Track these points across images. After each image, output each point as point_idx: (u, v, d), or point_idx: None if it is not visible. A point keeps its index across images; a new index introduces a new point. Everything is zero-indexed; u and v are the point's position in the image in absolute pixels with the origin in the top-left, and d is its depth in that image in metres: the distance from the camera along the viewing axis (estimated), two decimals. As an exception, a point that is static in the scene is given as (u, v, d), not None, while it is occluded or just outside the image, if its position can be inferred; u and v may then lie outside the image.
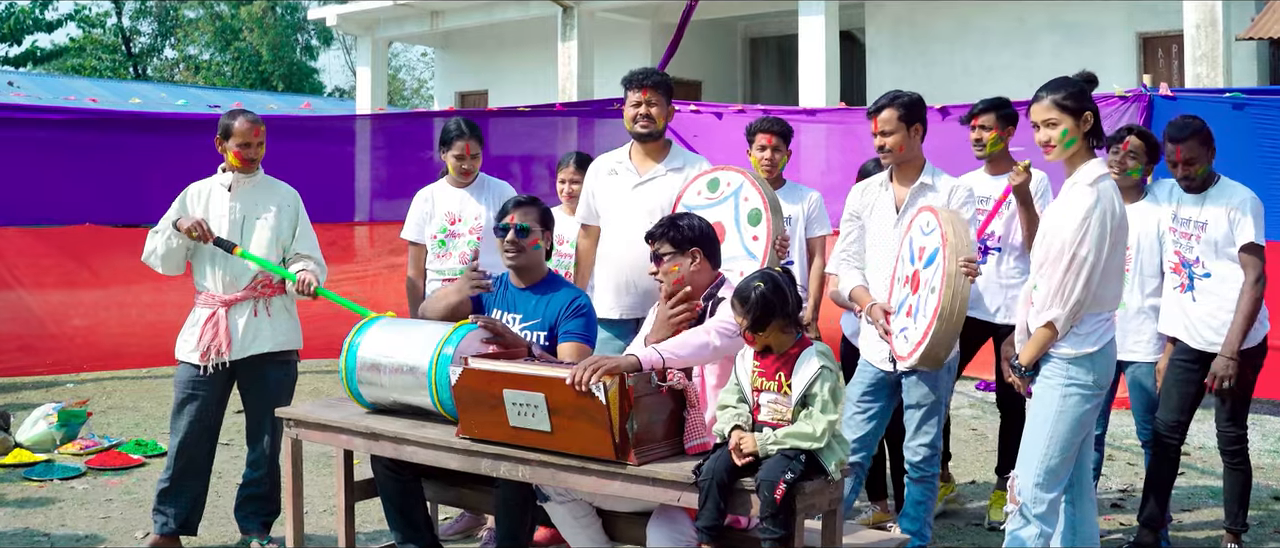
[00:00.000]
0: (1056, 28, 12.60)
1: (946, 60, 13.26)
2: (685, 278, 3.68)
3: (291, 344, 4.71)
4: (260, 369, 4.63)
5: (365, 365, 3.75)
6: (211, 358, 4.52)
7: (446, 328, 3.69)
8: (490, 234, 5.01)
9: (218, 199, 4.63)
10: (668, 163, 4.71)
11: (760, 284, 3.17)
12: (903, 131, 4.34)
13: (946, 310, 3.88)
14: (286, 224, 4.68)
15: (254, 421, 4.71)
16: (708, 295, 3.66)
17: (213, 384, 4.59)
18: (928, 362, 4.00)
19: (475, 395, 3.38)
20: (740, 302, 3.19)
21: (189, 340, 4.60)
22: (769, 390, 3.16)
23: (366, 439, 3.71)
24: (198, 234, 4.46)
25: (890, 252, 4.38)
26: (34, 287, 8.33)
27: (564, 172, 5.47)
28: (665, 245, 3.69)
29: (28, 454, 6.18)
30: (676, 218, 3.79)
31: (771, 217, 4.27)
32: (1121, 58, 12.22)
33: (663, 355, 3.27)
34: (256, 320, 4.59)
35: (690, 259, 3.67)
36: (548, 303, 4.00)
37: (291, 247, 4.69)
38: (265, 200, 4.67)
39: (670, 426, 3.31)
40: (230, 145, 4.61)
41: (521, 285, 4.08)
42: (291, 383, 4.75)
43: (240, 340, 4.55)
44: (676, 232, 3.69)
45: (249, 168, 4.64)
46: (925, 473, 4.29)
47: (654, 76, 4.66)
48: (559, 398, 3.20)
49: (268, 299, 4.62)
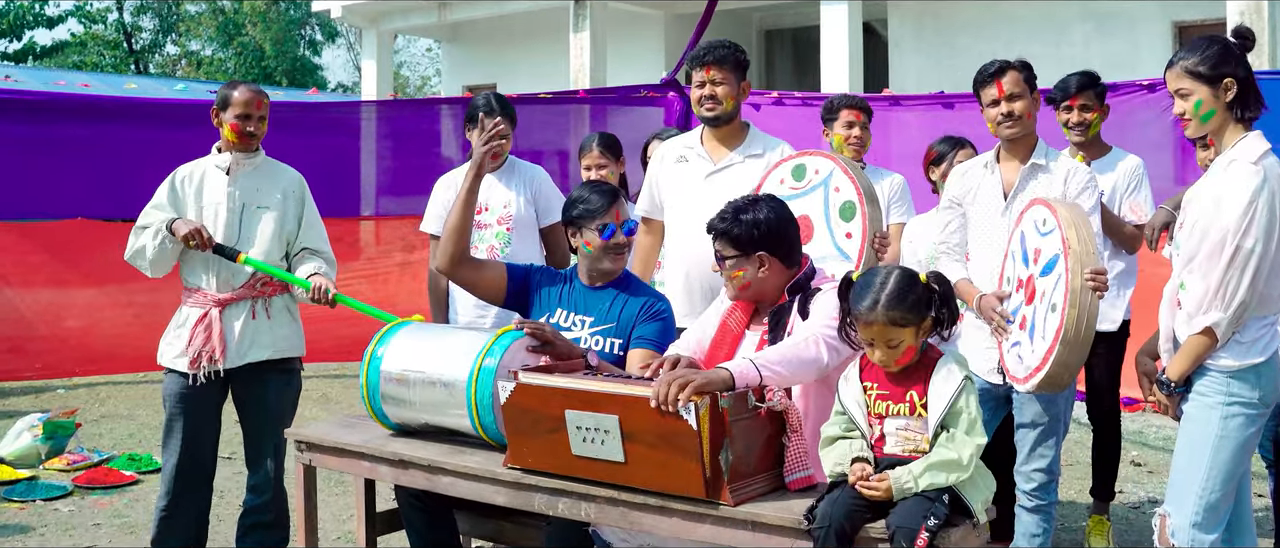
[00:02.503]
0: (1088, 17, 12.13)
1: (973, 51, 12.73)
2: (751, 284, 3.07)
3: (294, 351, 4.09)
4: (260, 379, 4.00)
5: (390, 380, 3.16)
6: (203, 365, 3.89)
7: (486, 336, 3.10)
8: (522, 225, 4.42)
9: (214, 184, 4.00)
10: (744, 149, 4.11)
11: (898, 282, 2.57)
12: (1029, 97, 3.77)
13: (1071, 333, 3.26)
14: (292, 214, 4.06)
15: (254, 439, 4.07)
16: (795, 289, 3.05)
17: (206, 395, 3.97)
18: (1049, 387, 3.40)
19: (530, 417, 2.79)
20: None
21: (175, 345, 3.97)
22: (898, 416, 2.56)
23: (394, 468, 3.12)
24: (196, 243, 3.84)
25: (996, 245, 3.79)
26: (22, 285, 7.86)
27: (588, 156, 4.88)
28: (725, 246, 3.08)
29: (10, 471, 5.61)
30: (739, 208, 3.11)
31: (867, 209, 3.68)
32: (1156, 48, 11.73)
33: (761, 371, 2.68)
34: (254, 323, 3.96)
35: (756, 265, 3.05)
36: (624, 305, 3.43)
37: (297, 240, 4.08)
38: (268, 186, 4.05)
39: (767, 456, 2.71)
40: (227, 116, 3.97)
41: (593, 284, 3.49)
42: (295, 395, 4.16)
43: (236, 346, 3.93)
44: (738, 228, 3.05)
45: (248, 144, 4.00)
46: (1042, 502, 3.70)
47: (718, 51, 4.05)
48: (637, 421, 2.61)
49: (267, 299, 4.00)
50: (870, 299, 2.56)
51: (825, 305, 2.90)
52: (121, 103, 8.97)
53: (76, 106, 8.42)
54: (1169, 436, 6.68)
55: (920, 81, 12.39)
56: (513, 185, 4.48)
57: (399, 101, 12.25)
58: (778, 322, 3.03)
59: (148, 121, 7.99)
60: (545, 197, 4.50)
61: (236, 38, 29.30)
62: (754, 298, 3.12)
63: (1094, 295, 3.28)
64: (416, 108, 10.95)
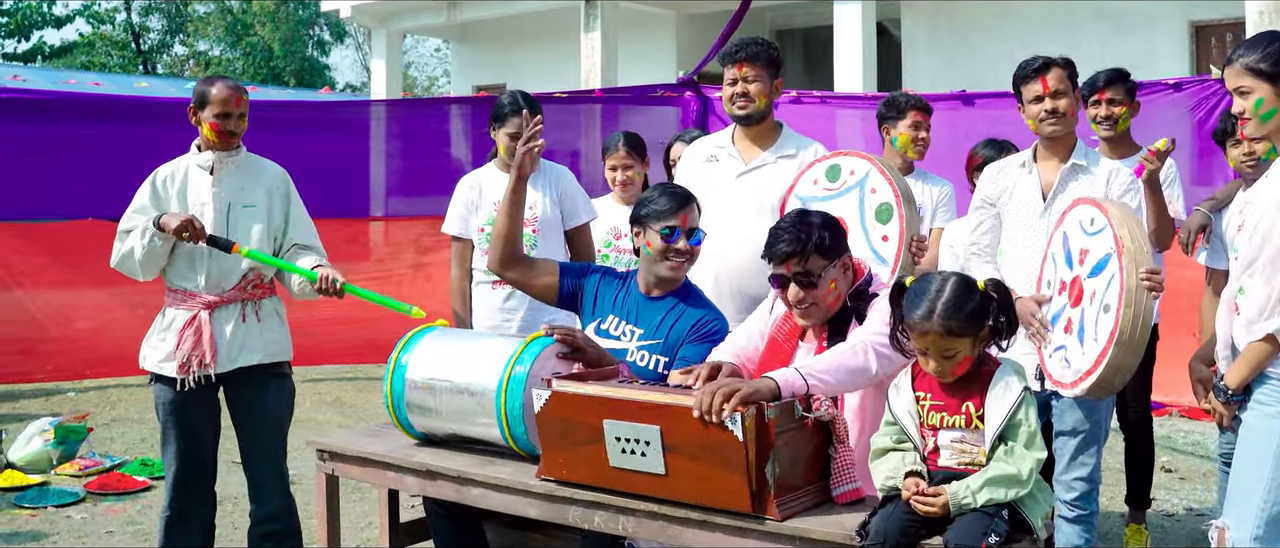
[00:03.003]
0: (1104, 16, 12.01)
1: (987, 50, 12.70)
2: (842, 293, 2.89)
3: (284, 354, 3.93)
4: (255, 384, 3.85)
5: (416, 387, 3.05)
6: (193, 370, 3.74)
7: (515, 343, 2.99)
8: (548, 226, 4.29)
9: (197, 185, 3.84)
10: (777, 149, 4.00)
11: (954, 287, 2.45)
12: (1072, 95, 3.66)
13: (1126, 334, 3.14)
14: (279, 211, 3.92)
15: (254, 445, 3.91)
16: (856, 295, 2.92)
17: (200, 399, 3.82)
18: (1099, 392, 3.28)
19: (565, 427, 2.68)
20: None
21: (160, 349, 3.81)
22: (954, 427, 2.45)
23: (421, 478, 3.02)
24: (189, 234, 3.65)
25: (1034, 247, 3.67)
26: (32, 287, 7.75)
27: (613, 156, 4.76)
28: (814, 259, 2.82)
29: (20, 476, 5.51)
30: (798, 222, 2.88)
31: (904, 212, 3.57)
32: (1173, 47, 11.65)
33: (807, 380, 2.57)
34: (245, 327, 3.80)
35: (842, 269, 2.88)
36: (676, 320, 3.28)
37: (285, 237, 3.93)
38: (253, 184, 3.89)
39: (813, 467, 2.60)
40: (206, 115, 3.80)
41: (651, 294, 3.36)
42: (291, 398, 3.99)
43: (226, 350, 3.77)
44: (817, 235, 2.83)
45: (229, 143, 3.84)
46: (1083, 511, 3.58)
47: (751, 48, 3.94)
48: (679, 432, 2.50)
49: (257, 302, 3.85)
50: (925, 307, 2.45)
51: (878, 312, 2.78)
52: (132, 102, 8.85)
53: (87, 106, 8.32)
54: (1197, 441, 6.57)
55: (934, 81, 12.30)
56: (538, 186, 4.35)
57: (409, 101, 12.15)
58: (837, 331, 2.89)
59: (159, 121, 7.87)
60: (571, 197, 4.37)
61: (245, 38, 29.24)
62: (828, 312, 2.92)
63: (1150, 295, 3.16)
64: (427, 107, 10.84)
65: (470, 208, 4.41)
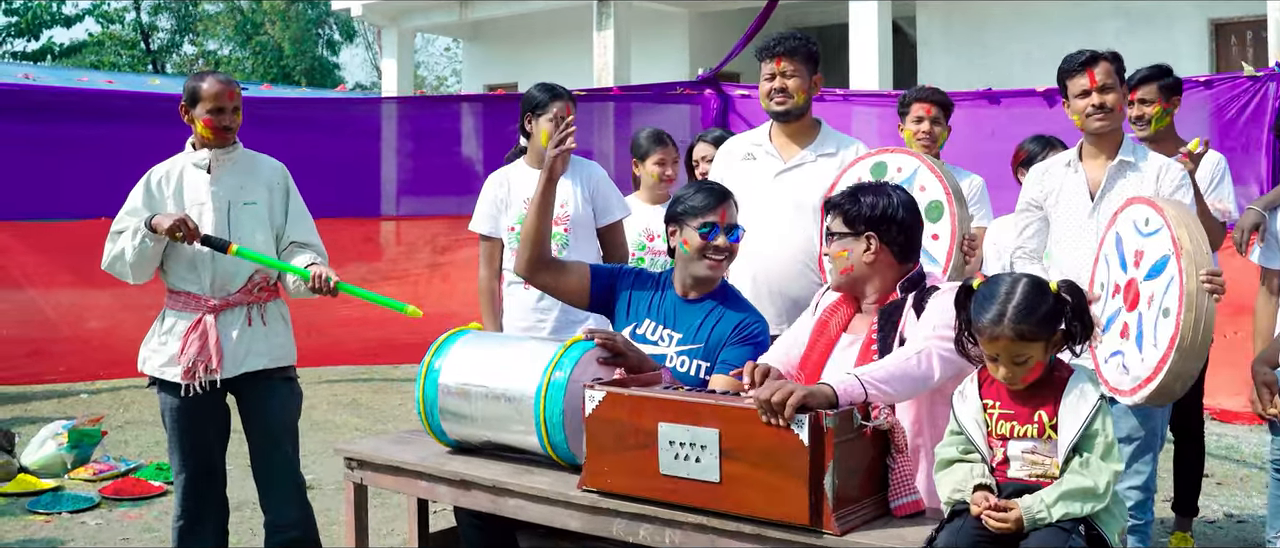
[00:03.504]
0: (1121, 15, 11.90)
1: (1003, 49, 12.59)
2: (853, 268, 2.84)
3: (290, 358, 3.82)
4: (265, 388, 3.74)
5: (449, 393, 2.93)
6: (199, 375, 3.61)
7: (554, 347, 2.86)
8: (580, 224, 4.16)
9: (194, 183, 3.70)
10: (817, 147, 3.87)
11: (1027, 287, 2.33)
12: (1119, 90, 3.53)
13: (1187, 340, 3.00)
14: (278, 207, 3.79)
15: (268, 453, 3.79)
16: (909, 285, 2.81)
17: (206, 404, 3.70)
18: (1158, 399, 3.14)
19: (617, 431, 2.56)
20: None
21: (161, 353, 3.69)
22: (1025, 437, 2.32)
23: (454, 488, 2.90)
24: (182, 234, 3.51)
25: (1083, 249, 3.55)
26: (45, 287, 7.63)
27: (662, 151, 4.65)
28: (836, 220, 2.87)
29: (34, 481, 5.40)
30: (862, 188, 2.92)
31: (956, 209, 3.44)
32: (1192, 45, 11.52)
33: (866, 387, 2.44)
34: (251, 331, 3.68)
35: (862, 247, 2.82)
36: (716, 323, 3.15)
37: (284, 234, 3.80)
38: (251, 182, 3.76)
39: (871, 479, 2.48)
40: (198, 112, 3.66)
41: (688, 296, 3.23)
42: (299, 403, 3.89)
43: (232, 355, 3.65)
44: (852, 204, 2.85)
45: (224, 139, 3.71)
46: (1138, 521, 3.46)
47: (789, 42, 3.82)
48: (739, 436, 2.38)
49: (263, 305, 3.73)
50: (995, 311, 2.32)
51: (940, 311, 2.65)
52: (146, 101, 8.72)
53: (100, 105, 8.21)
54: (1231, 444, 6.43)
55: (950, 80, 12.18)
56: (570, 182, 4.23)
57: (421, 99, 12.03)
58: (888, 319, 2.78)
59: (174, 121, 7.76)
60: (603, 194, 4.24)
61: (254, 37, 29.17)
62: (852, 287, 2.88)
63: (1211, 299, 3.03)
64: (439, 105, 10.72)
65: (499, 206, 4.28)
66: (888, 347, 2.73)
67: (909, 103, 4.50)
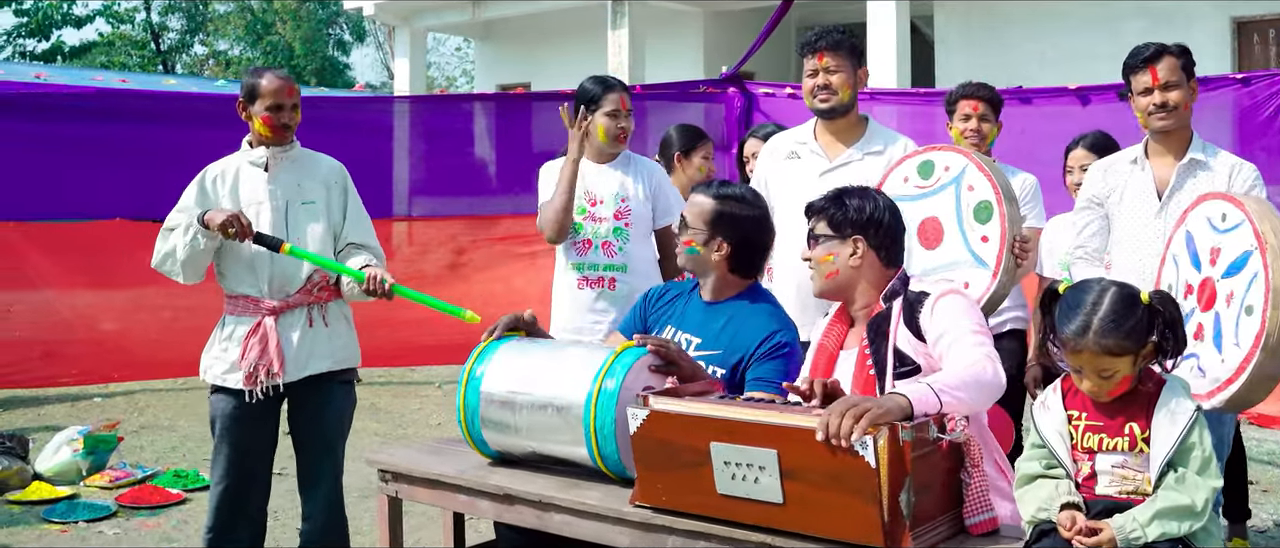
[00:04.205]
0: (1143, 14, 11.74)
1: (1022, 48, 12.45)
2: (839, 272, 2.75)
3: (352, 360, 3.71)
4: (318, 393, 3.61)
5: (493, 403, 2.78)
6: (261, 381, 3.50)
7: (604, 353, 2.72)
8: (639, 221, 4.03)
9: (250, 183, 3.60)
10: (863, 145, 3.73)
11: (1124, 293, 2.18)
12: (1186, 87, 3.39)
13: (1274, 338, 2.83)
14: (337, 207, 3.68)
15: (312, 459, 3.68)
16: (891, 296, 2.72)
17: (262, 413, 3.59)
18: (1237, 404, 2.98)
19: (666, 450, 2.41)
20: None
21: (223, 360, 3.58)
22: (1114, 451, 2.17)
23: (497, 503, 2.75)
24: (235, 231, 3.41)
25: (1148, 249, 3.39)
26: (58, 288, 7.50)
27: (705, 147, 4.53)
28: (819, 223, 2.79)
29: (48, 489, 5.26)
30: (846, 191, 2.84)
31: (1006, 209, 3.29)
32: (1214, 44, 11.36)
33: (940, 396, 2.29)
34: (313, 332, 3.57)
35: (849, 251, 2.73)
36: (738, 329, 2.99)
37: (342, 235, 3.68)
38: (310, 180, 3.66)
39: (945, 495, 2.33)
40: (257, 109, 3.57)
41: (711, 298, 3.09)
42: (352, 408, 3.78)
43: (294, 358, 3.53)
44: (837, 207, 2.77)
45: (282, 137, 3.61)
46: (1207, 535, 3.29)
47: (832, 36, 3.67)
48: (800, 457, 2.23)
49: (324, 305, 3.61)
50: (1080, 322, 2.17)
51: (963, 314, 2.55)
52: (161, 100, 8.59)
53: (110, 104, 8.07)
54: (1272, 450, 6.29)
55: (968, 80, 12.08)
56: (632, 179, 4.07)
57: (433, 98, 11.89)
58: (877, 331, 2.68)
59: (188, 119, 7.65)
60: (665, 195, 4.11)
61: (265, 37, 29.10)
62: (838, 293, 2.79)
63: None
64: (451, 104, 10.56)
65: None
66: (881, 360, 2.65)
67: (956, 100, 4.35)
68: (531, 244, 7.77)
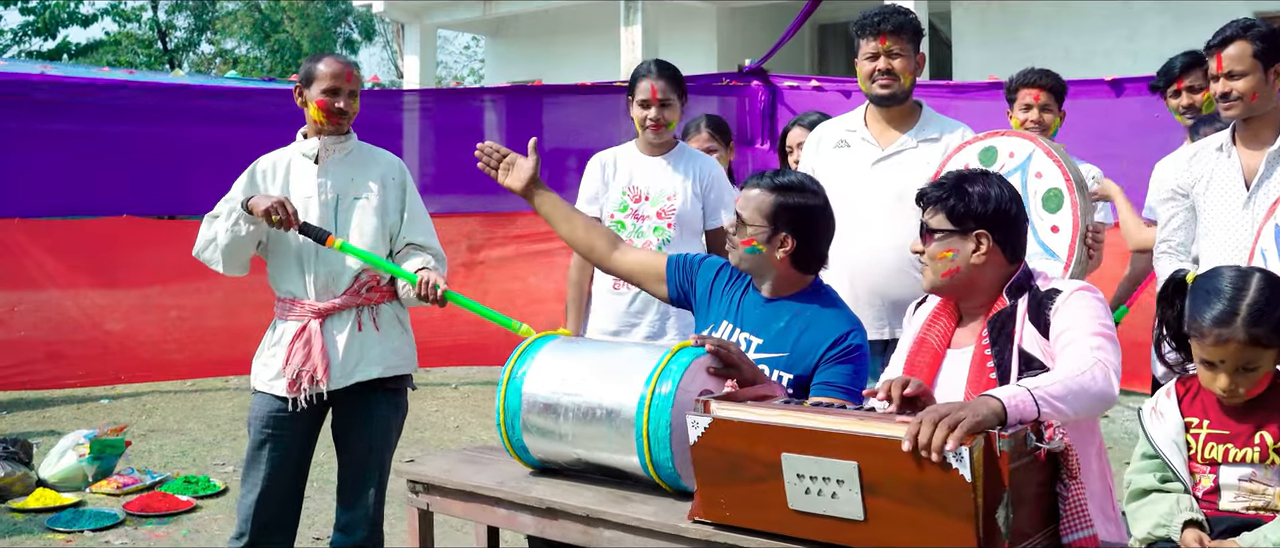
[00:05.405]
0: (1165, 11, 11.52)
1: (1040, 45, 12.22)
2: (960, 269, 2.47)
3: (406, 367, 3.51)
4: (365, 402, 3.42)
5: (535, 408, 2.56)
6: (304, 388, 3.31)
7: (657, 355, 2.49)
8: (686, 221, 3.79)
9: (301, 175, 3.41)
10: (918, 132, 3.51)
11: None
12: (1259, 74, 3.17)
13: None
14: (393, 205, 3.46)
15: (353, 469, 3.48)
16: (1016, 290, 2.46)
17: (302, 421, 3.39)
18: None
19: (729, 461, 2.19)
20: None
21: (271, 365, 3.39)
22: (1243, 463, 1.94)
23: (539, 517, 2.52)
24: (279, 217, 3.20)
25: (1237, 242, 3.18)
26: (63, 287, 7.30)
27: (695, 138, 4.33)
28: (936, 216, 2.49)
29: (53, 496, 5.04)
30: (964, 178, 2.55)
31: (1077, 198, 3.07)
32: (1239, 41, 11.10)
33: (1039, 404, 2.06)
34: (361, 336, 3.37)
35: (972, 247, 2.46)
36: (804, 330, 2.74)
37: (399, 234, 3.48)
38: (364, 175, 3.46)
39: (1042, 508, 2.10)
40: (312, 92, 3.38)
41: (770, 295, 2.84)
42: (402, 419, 3.57)
43: (340, 364, 3.34)
44: (958, 198, 2.48)
45: (338, 125, 3.41)
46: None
47: (896, 18, 3.45)
48: (885, 470, 2.00)
49: (375, 307, 3.41)
50: (1223, 308, 1.94)
51: (1090, 315, 2.28)
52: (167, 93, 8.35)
53: (119, 99, 7.84)
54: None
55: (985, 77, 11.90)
56: (680, 173, 3.83)
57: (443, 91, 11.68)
58: (1001, 330, 2.42)
59: (197, 116, 7.44)
60: (718, 193, 3.87)
61: (273, 35, 28.94)
62: (954, 292, 2.52)
63: None
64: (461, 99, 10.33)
65: (598, 190, 3.88)
66: (1004, 363, 2.38)
67: (1016, 88, 4.15)
68: (546, 242, 7.56)
